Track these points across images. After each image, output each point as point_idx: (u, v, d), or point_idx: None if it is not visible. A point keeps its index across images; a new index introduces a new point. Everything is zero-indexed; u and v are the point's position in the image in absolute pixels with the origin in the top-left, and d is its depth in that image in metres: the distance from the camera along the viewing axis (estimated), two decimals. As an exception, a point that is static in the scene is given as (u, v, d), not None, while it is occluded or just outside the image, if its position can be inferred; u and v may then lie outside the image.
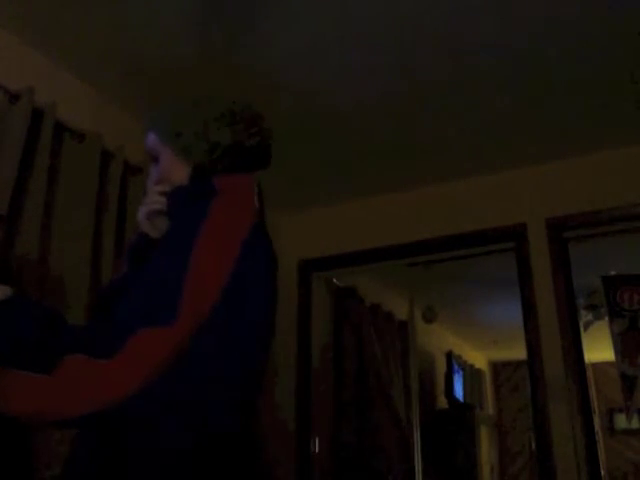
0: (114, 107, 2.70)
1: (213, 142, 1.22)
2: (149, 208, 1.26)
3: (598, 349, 4.43)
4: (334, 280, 3.96)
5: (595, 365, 6.19)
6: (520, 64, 2.44)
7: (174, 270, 0.99)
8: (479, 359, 7.42)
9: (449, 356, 5.73)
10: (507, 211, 3.21)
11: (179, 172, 1.23)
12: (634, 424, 4.69)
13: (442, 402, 5.53)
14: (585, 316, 4.63)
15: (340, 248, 3.55)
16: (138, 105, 2.71)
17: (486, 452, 6.00)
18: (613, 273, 3.91)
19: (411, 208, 3.46)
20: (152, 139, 1.28)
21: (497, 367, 7.92)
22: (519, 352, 3.24)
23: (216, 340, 1.01)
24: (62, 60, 2.43)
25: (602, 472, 2.97)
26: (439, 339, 5.81)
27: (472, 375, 6.66)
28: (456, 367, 5.77)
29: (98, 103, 2.62)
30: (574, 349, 2.90)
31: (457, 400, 5.59)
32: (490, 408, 7.48)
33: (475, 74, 2.51)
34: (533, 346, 2.96)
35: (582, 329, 3.26)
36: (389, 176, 3.36)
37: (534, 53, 2.37)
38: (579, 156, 3.11)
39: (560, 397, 2.83)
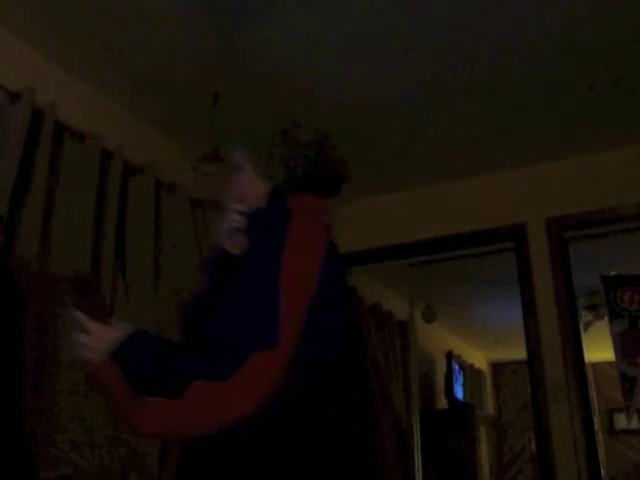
0: (114, 107, 2.70)
1: (293, 167, 1.33)
2: (230, 226, 1.33)
3: (598, 349, 4.42)
4: (334, 280, 3.94)
5: (595, 365, 6.18)
6: (520, 64, 2.44)
7: (268, 295, 1.07)
8: (479, 359, 7.42)
9: (449, 356, 5.72)
10: (507, 211, 3.20)
11: (257, 189, 1.32)
12: (634, 424, 4.68)
13: (442, 402, 5.53)
14: (585, 316, 4.62)
15: (340, 248, 3.54)
16: (138, 105, 2.72)
17: (486, 452, 5.99)
18: (613, 273, 3.91)
19: (411, 208, 3.46)
20: (239, 153, 1.37)
21: (497, 367, 7.92)
22: (519, 352, 3.24)
23: (305, 357, 1.09)
24: (62, 60, 2.43)
25: (602, 472, 2.97)
26: (439, 339, 5.80)
27: (472, 375, 6.65)
28: (456, 367, 5.76)
29: (98, 103, 2.62)
30: (574, 349, 2.90)
31: (457, 400, 5.59)
32: (490, 408, 7.48)
33: (475, 74, 2.51)
34: (533, 346, 2.96)
35: (582, 329, 3.26)
36: (389, 176, 3.36)
37: (534, 53, 2.37)
38: (579, 156, 3.11)
39: (560, 397, 2.83)
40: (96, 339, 1.07)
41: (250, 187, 1.34)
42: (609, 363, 4.41)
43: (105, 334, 1.08)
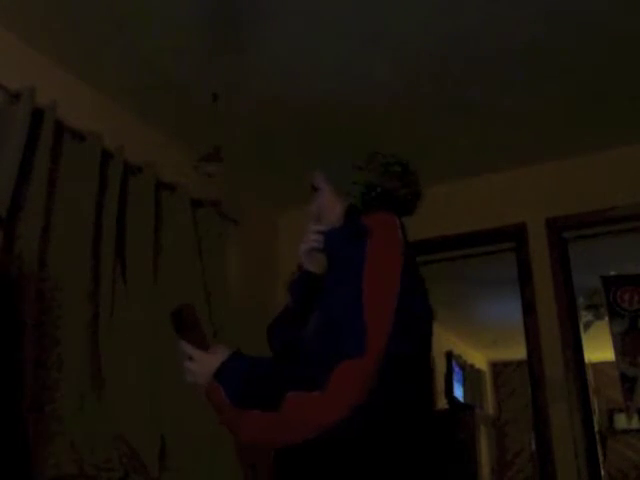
0: (114, 107, 2.70)
1: (370, 187, 1.41)
2: (309, 246, 1.45)
3: (598, 349, 4.43)
4: (334, 280, 3.95)
5: (595, 365, 6.19)
6: (521, 65, 2.44)
7: (353, 310, 1.16)
8: (479, 359, 7.43)
9: (449, 356, 5.72)
10: (507, 211, 3.21)
11: (335, 209, 1.43)
12: (634, 424, 4.69)
13: (442, 402, 5.53)
14: (585, 316, 4.63)
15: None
16: (138, 105, 2.72)
17: (486, 452, 6.00)
18: (613, 273, 3.91)
19: (411, 208, 3.45)
20: (319, 175, 1.51)
21: (497, 367, 7.92)
22: (519, 352, 3.25)
23: (394, 366, 1.17)
24: (62, 60, 2.43)
25: (602, 472, 2.97)
26: (439, 339, 5.80)
27: (472, 375, 6.66)
28: (456, 367, 5.76)
29: (98, 103, 2.62)
30: (574, 349, 2.90)
31: (457, 400, 5.59)
32: (490, 408, 7.48)
33: (476, 74, 2.51)
34: (533, 346, 2.96)
35: (582, 329, 3.26)
36: (389, 176, 3.36)
37: (534, 53, 2.37)
38: (579, 156, 3.11)
39: (560, 397, 2.83)
40: (201, 365, 1.21)
41: (328, 208, 1.46)
42: (609, 363, 4.43)
43: (208, 360, 1.21)
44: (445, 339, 6.07)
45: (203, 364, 1.21)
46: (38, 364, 2.04)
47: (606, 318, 3.79)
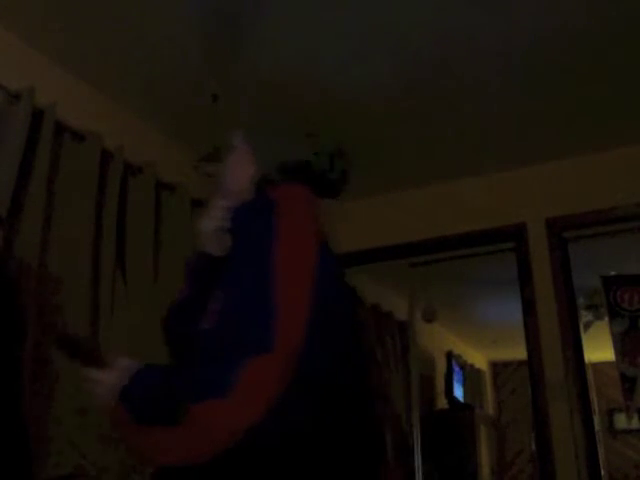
0: (114, 107, 2.69)
1: (293, 159, 1.28)
2: (215, 225, 1.25)
3: (598, 349, 4.43)
4: (334, 280, 3.95)
5: (595, 365, 6.19)
6: (521, 65, 2.44)
7: (261, 296, 0.99)
8: (479, 359, 7.42)
9: (449, 356, 5.72)
10: (507, 211, 3.20)
11: (243, 173, 1.26)
12: (634, 424, 4.69)
13: (442, 402, 5.53)
14: (585, 316, 4.63)
15: (340, 248, 3.54)
16: (138, 105, 2.72)
17: (486, 452, 5.99)
18: (613, 273, 3.91)
19: (411, 208, 3.46)
20: (239, 134, 1.32)
21: (497, 367, 7.92)
22: (519, 352, 3.24)
23: (316, 355, 1.02)
24: (62, 60, 2.43)
25: (602, 472, 2.97)
26: (439, 339, 5.81)
27: (472, 375, 6.65)
28: (456, 367, 5.76)
29: (98, 103, 2.62)
30: (574, 349, 2.90)
31: (457, 400, 5.59)
32: (490, 408, 7.48)
33: (476, 75, 2.51)
34: (533, 346, 2.96)
35: (582, 329, 3.26)
36: (389, 176, 3.36)
37: (535, 54, 2.37)
38: (579, 156, 3.11)
39: (560, 397, 2.83)
40: (104, 386, 1.07)
41: (236, 170, 1.27)
42: (609, 363, 4.42)
43: (109, 379, 1.07)
44: (445, 339, 6.07)
45: (105, 384, 1.07)
46: (38, 364, 2.04)
47: (606, 318, 3.79)
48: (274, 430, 0.96)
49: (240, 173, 1.27)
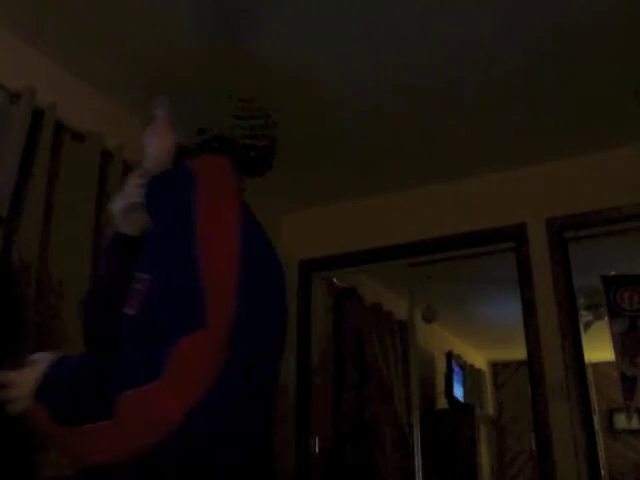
0: (114, 107, 2.69)
1: (213, 128, 1.19)
2: (128, 201, 1.20)
3: (598, 349, 4.42)
4: (334, 280, 3.95)
5: (595, 365, 6.18)
6: (521, 65, 2.44)
7: (185, 272, 0.94)
8: (479, 359, 7.42)
9: (449, 356, 5.72)
10: (507, 211, 3.21)
11: (162, 141, 1.20)
12: (634, 424, 4.68)
13: (442, 402, 5.53)
14: (585, 316, 4.62)
15: (340, 248, 3.55)
16: (138, 105, 2.71)
17: (486, 452, 5.99)
18: (613, 273, 3.91)
19: (411, 208, 3.46)
20: (162, 101, 1.28)
21: (497, 367, 7.91)
22: (519, 352, 3.24)
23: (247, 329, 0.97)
24: (62, 60, 2.43)
25: (602, 472, 2.97)
26: (439, 339, 5.80)
27: (472, 375, 6.65)
28: (456, 367, 5.76)
29: (98, 103, 2.62)
30: (574, 349, 2.90)
31: (457, 400, 5.59)
32: (490, 408, 7.48)
33: (476, 75, 2.51)
34: (533, 346, 2.96)
35: (582, 329, 3.26)
36: (389, 176, 3.36)
37: (535, 54, 2.37)
38: (579, 156, 3.11)
39: (560, 397, 2.83)
40: (16, 389, 0.97)
41: (155, 139, 1.21)
42: (609, 363, 4.41)
43: (23, 379, 0.97)
44: (445, 339, 6.07)
45: (18, 385, 0.97)
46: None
47: (606, 318, 3.79)
48: (214, 414, 0.90)
49: (157, 143, 1.21)
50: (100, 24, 2.24)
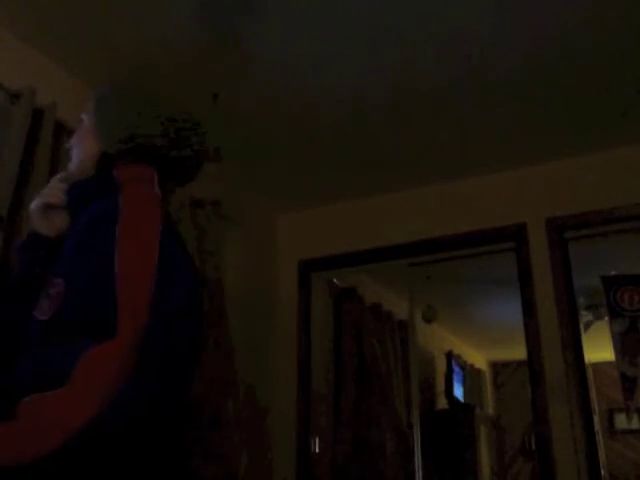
0: (114, 107, 2.69)
1: (136, 135, 1.17)
2: (44, 201, 1.19)
3: (598, 349, 4.42)
4: (334, 280, 3.95)
5: (595, 365, 6.18)
6: (521, 65, 2.44)
7: (100, 280, 0.95)
8: (479, 359, 7.41)
9: (449, 356, 5.72)
10: (507, 211, 3.21)
11: (86, 146, 1.20)
12: (634, 424, 4.68)
13: (442, 402, 5.52)
14: (585, 316, 4.62)
15: (340, 248, 3.55)
16: (138, 105, 2.71)
17: (486, 452, 5.99)
18: (613, 273, 3.91)
19: (411, 208, 3.46)
20: (91, 100, 1.27)
21: (497, 367, 7.91)
22: (519, 352, 3.24)
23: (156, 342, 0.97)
24: (62, 60, 2.43)
25: (602, 472, 2.97)
26: (439, 339, 5.81)
27: (472, 375, 6.65)
28: (456, 367, 5.76)
29: (98, 103, 2.62)
30: (574, 349, 2.90)
31: (457, 400, 5.59)
32: (490, 408, 7.47)
33: (475, 75, 2.51)
34: (533, 346, 2.96)
35: (582, 329, 3.26)
36: (389, 176, 3.36)
37: (535, 54, 2.37)
38: (579, 156, 3.11)
39: (560, 397, 2.83)
40: None
41: (81, 144, 1.22)
42: (609, 363, 4.41)
43: None
44: (445, 339, 6.07)
45: None
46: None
47: (606, 318, 3.78)
48: (115, 423, 0.89)
49: (83, 149, 1.21)
50: (100, 24, 2.24)
